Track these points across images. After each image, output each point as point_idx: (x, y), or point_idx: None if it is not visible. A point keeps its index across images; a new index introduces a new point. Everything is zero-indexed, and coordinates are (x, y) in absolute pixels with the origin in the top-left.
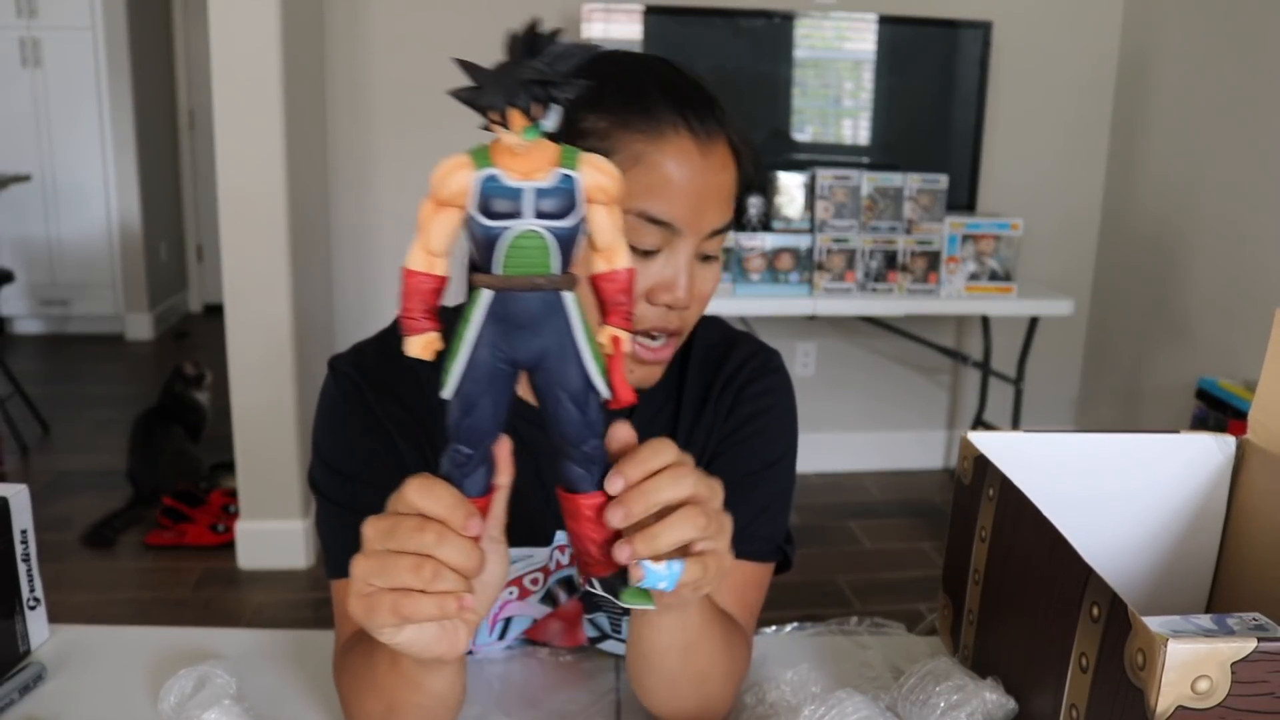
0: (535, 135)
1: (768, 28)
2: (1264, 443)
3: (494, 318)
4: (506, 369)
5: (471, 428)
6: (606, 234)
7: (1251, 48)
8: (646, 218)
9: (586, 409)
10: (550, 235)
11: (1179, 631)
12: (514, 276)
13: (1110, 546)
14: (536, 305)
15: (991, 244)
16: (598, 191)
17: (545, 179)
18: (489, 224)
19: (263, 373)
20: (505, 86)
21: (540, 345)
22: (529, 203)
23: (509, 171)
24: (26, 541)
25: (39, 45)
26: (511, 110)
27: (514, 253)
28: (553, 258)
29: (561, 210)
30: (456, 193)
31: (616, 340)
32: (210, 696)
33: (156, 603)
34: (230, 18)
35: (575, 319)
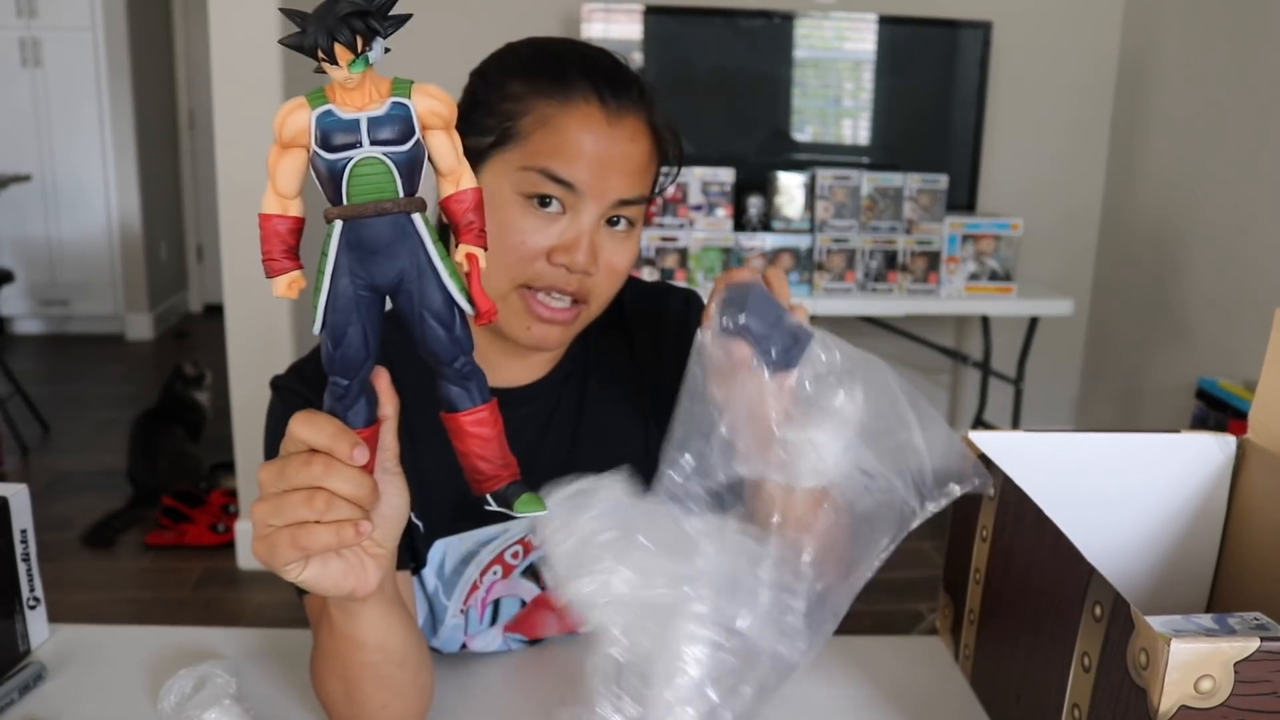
0: (362, 68)
1: (768, 28)
2: (1264, 442)
3: (348, 246)
4: (368, 295)
5: (344, 358)
6: (447, 158)
7: (1251, 48)
8: (549, 175)
9: (452, 326)
10: (389, 160)
11: (1181, 631)
12: (361, 204)
13: (1110, 546)
14: (387, 229)
15: (991, 244)
16: (431, 117)
17: (378, 108)
18: (330, 157)
19: (263, 373)
20: (325, 24)
21: (396, 268)
22: (365, 132)
23: (343, 106)
24: (26, 541)
25: (39, 45)
26: (335, 46)
27: (357, 181)
28: (397, 181)
29: (398, 136)
30: (297, 133)
31: (472, 257)
32: (210, 696)
33: (156, 603)
34: (230, 18)
35: (428, 239)
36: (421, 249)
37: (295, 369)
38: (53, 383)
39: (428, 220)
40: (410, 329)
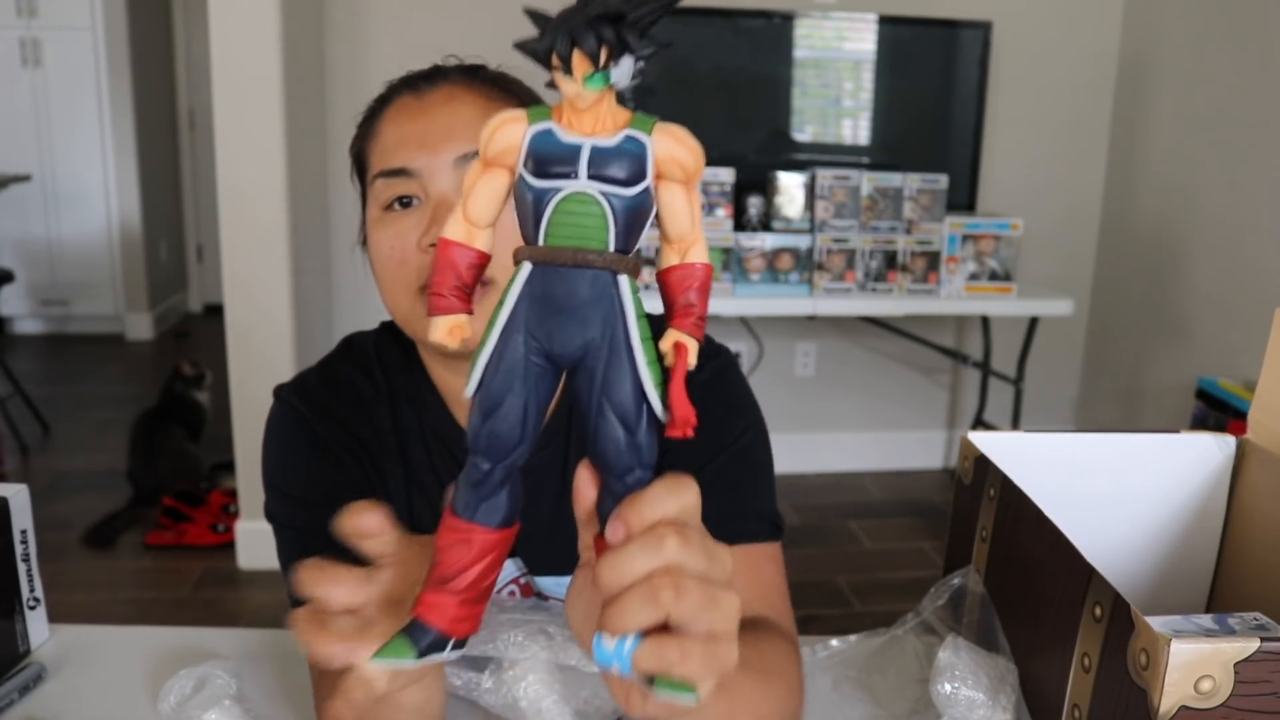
0: (600, 85)
1: (768, 28)
2: (1264, 442)
3: (532, 297)
4: (540, 364)
5: (494, 435)
6: (680, 220)
7: (1251, 47)
8: (385, 174)
9: (635, 428)
10: (606, 202)
11: (1181, 631)
12: (559, 248)
13: (1110, 546)
14: (583, 286)
15: (991, 244)
16: (671, 165)
17: (609, 138)
18: (537, 184)
19: (263, 373)
20: (569, 26)
21: (584, 338)
22: (585, 161)
23: (568, 127)
24: (26, 541)
25: (39, 45)
26: (575, 53)
27: (561, 219)
28: (610, 230)
29: (624, 176)
30: (505, 149)
31: (681, 348)
32: (210, 697)
33: (156, 603)
34: (230, 18)
35: (630, 310)
36: (620, 321)
37: (299, 381)
38: (53, 383)
39: (636, 288)
40: (582, 418)
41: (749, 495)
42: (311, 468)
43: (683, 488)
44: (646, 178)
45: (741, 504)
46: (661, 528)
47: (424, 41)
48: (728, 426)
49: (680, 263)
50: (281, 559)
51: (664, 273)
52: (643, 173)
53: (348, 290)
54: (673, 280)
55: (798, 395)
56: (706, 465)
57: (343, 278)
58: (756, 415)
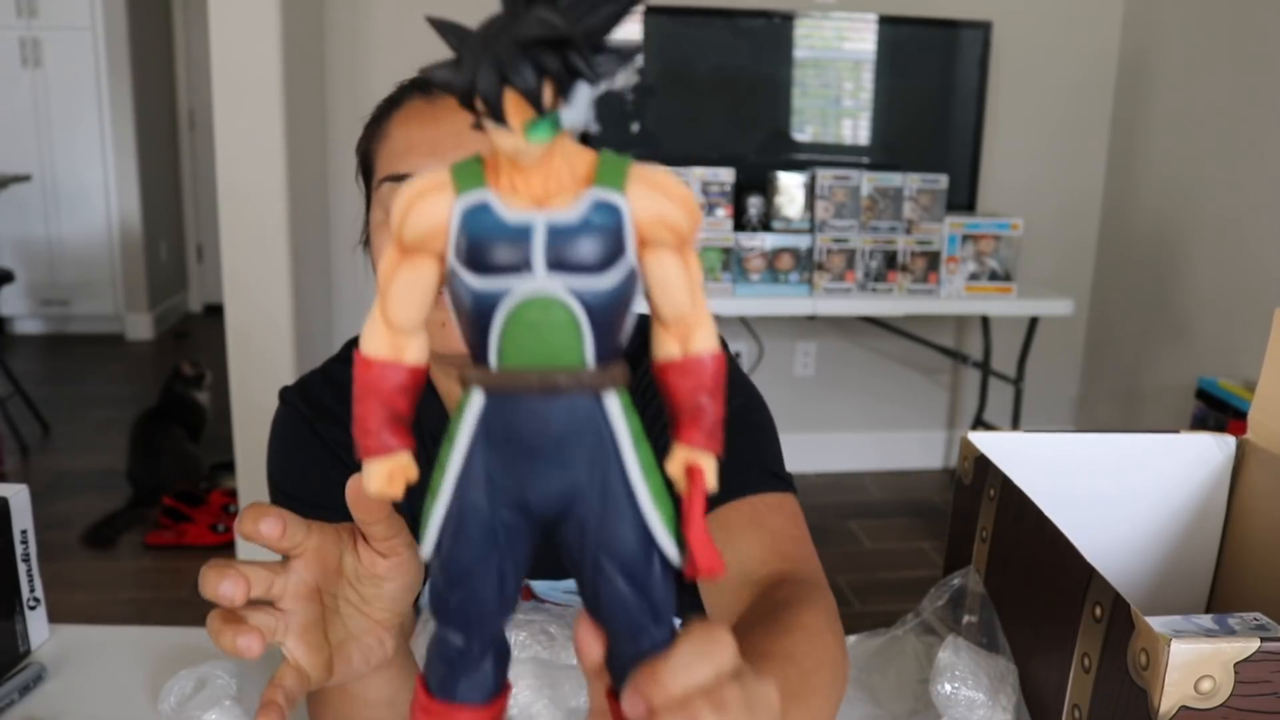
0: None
1: (768, 28)
2: (1264, 442)
3: (490, 438)
4: (513, 519)
5: (463, 607)
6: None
7: (1251, 47)
8: (392, 179)
9: (646, 583)
10: (577, 302)
11: (1181, 631)
12: (519, 371)
13: (1110, 546)
14: (557, 418)
15: (991, 244)
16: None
17: (568, 207)
18: (477, 284)
19: (263, 373)
20: (494, 53)
21: (565, 483)
22: (540, 248)
23: (510, 195)
24: (27, 541)
25: (39, 45)
26: (506, 92)
27: (517, 331)
28: (583, 338)
29: (596, 260)
30: (428, 232)
31: (696, 473)
32: (210, 697)
33: (157, 603)
34: (230, 18)
35: (625, 439)
36: (612, 455)
37: (302, 383)
38: (53, 383)
39: (629, 402)
40: (575, 573)
41: (746, 452)
42: (312, 468)
43: (715, 647)
44: (626, 253)
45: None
46: (695, 704)
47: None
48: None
49: (683, 356)
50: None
51: (661, 368)
52: (620, 249)
53: (348, 290)
54: (675, 381)
55: (798, 395)
56: None
57: (343, 278)
58: (751, 392)
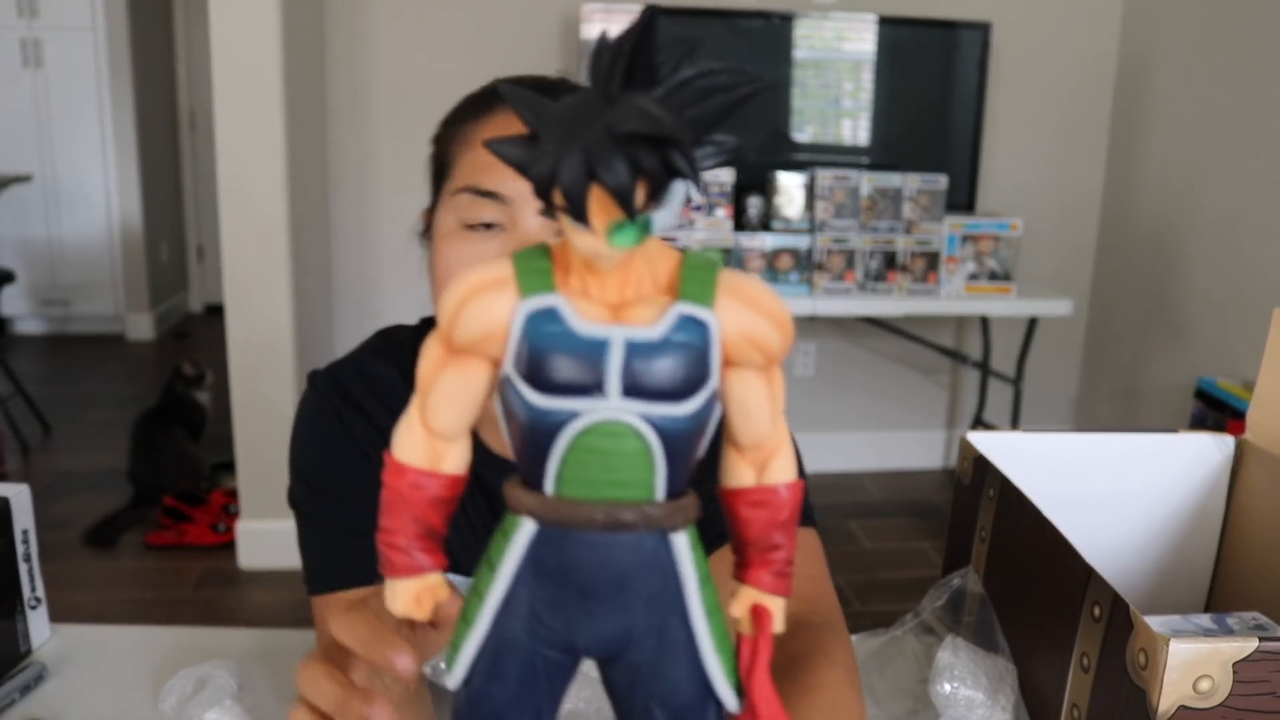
0: (634, 238)
1: (767, 28)
2: (1262, 442)
3: (540, 570)
4: (556, 658)
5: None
6: (759, 421)
7: (1251, 48)
8: (474, 191)
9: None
10: (652, 430)
11: (1179, 631)
12: (580, 503)
13: (1109, 546)
14: (619, 558)
15: (991, 244)
16: (748, 349)
17: (651, 321)
18: (538, 401)
19: (263, 373)
20: (584, 142)
21: (620, 626)
22: (615, 368)
23: (583, 301)
24: (28, 541)
25: (40, 46)
26: (593, 188)
27: (581, 458)
28: (656, 470)
29: (678, 384)
30: (483, 335)
31: (763, 615)
32: (211, 696)
33: (157, 602)
34: (231, 18)
35: (690, 581)
36: (676, 598)
37: (333, 370)
38: (54, 383)
39: (697, 543)
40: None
41: None
42: (336, 459)
43: None
44: (710, 379)
45: None
46: None
47: (424, 41)
48: None
49: (758, 485)
50: (301, 545)
51: (732, 495)
52: (705, 373)
53: (348, 290)
54: (747, 513)
55: (797, 395)
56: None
57: (343, 278)
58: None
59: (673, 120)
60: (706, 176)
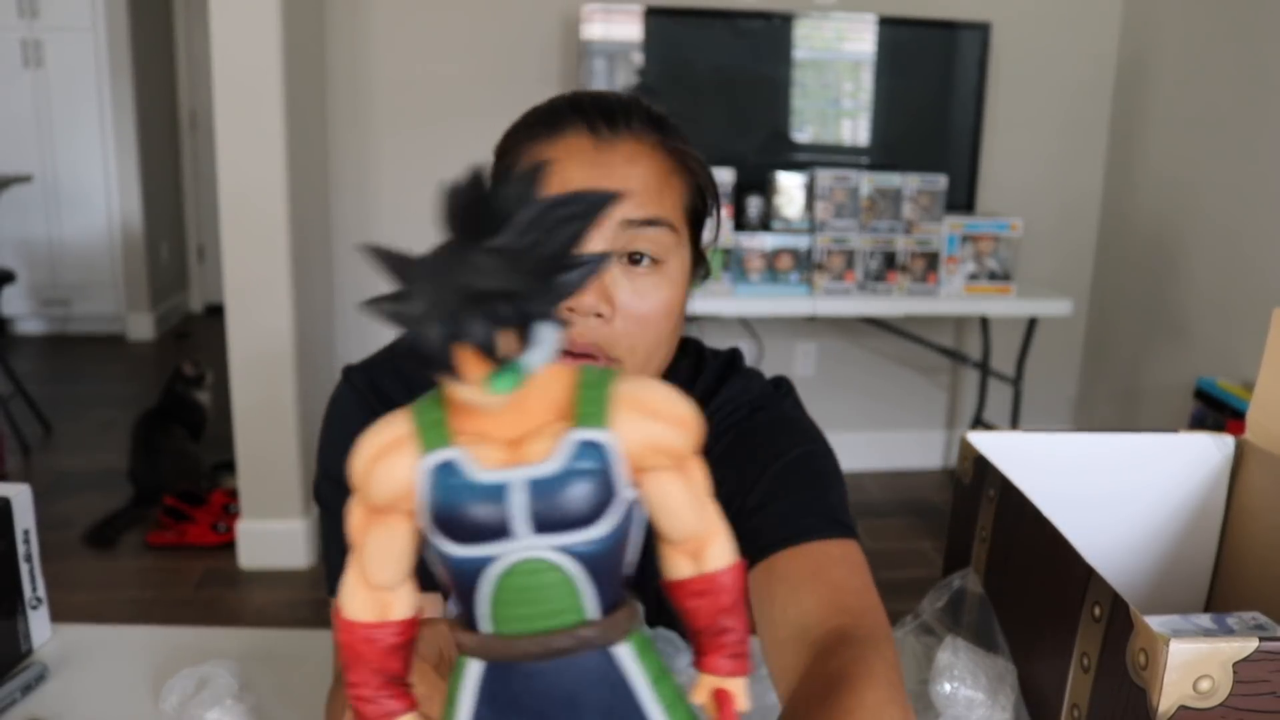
0: (511, 383)
1: (767, 28)
2: (1262, 442)
3: (494, 703)
4: None
5: None
6: (683, 518)
7: (1250, 48)
8: None
9: None
10: (570, 559)
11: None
12: (515, 638)
13: (1109, 546)
14: (564, 681)
15: (990, 244)
16: (653, 456)
17: (547, 456)
18: (455, 552)
19: (263, 373)
20: (440, 306)
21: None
22: (520, 509)
23: (480, 451)
24: (29, 541)
25: (40, 46)
26: (458, 349)
27: (507, 597)
28: (582, 594)
29: (584, 511)
30: (393, 496)
31: (725, 699)
32: (212, 696)
33: (158, 602)
34: (231, 18)
35: (640, 687)
36: (630, 706)
37: (368, 366)
38: (54, 383)
39: (645, 645)
40: None
41: (809, 496)
42: None
43: None
44: (617, 495)
45: (802, 504)
46: None
47: (424, 42)
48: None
49: (697, 575)
50: (323, 543)
51: (674, 588)
52: (610, 493)
53: (349, 290)
54: (691, 603)
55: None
56: (761, 477)
57: (344, 278)
58: (817, 438)
59: (520, 271)
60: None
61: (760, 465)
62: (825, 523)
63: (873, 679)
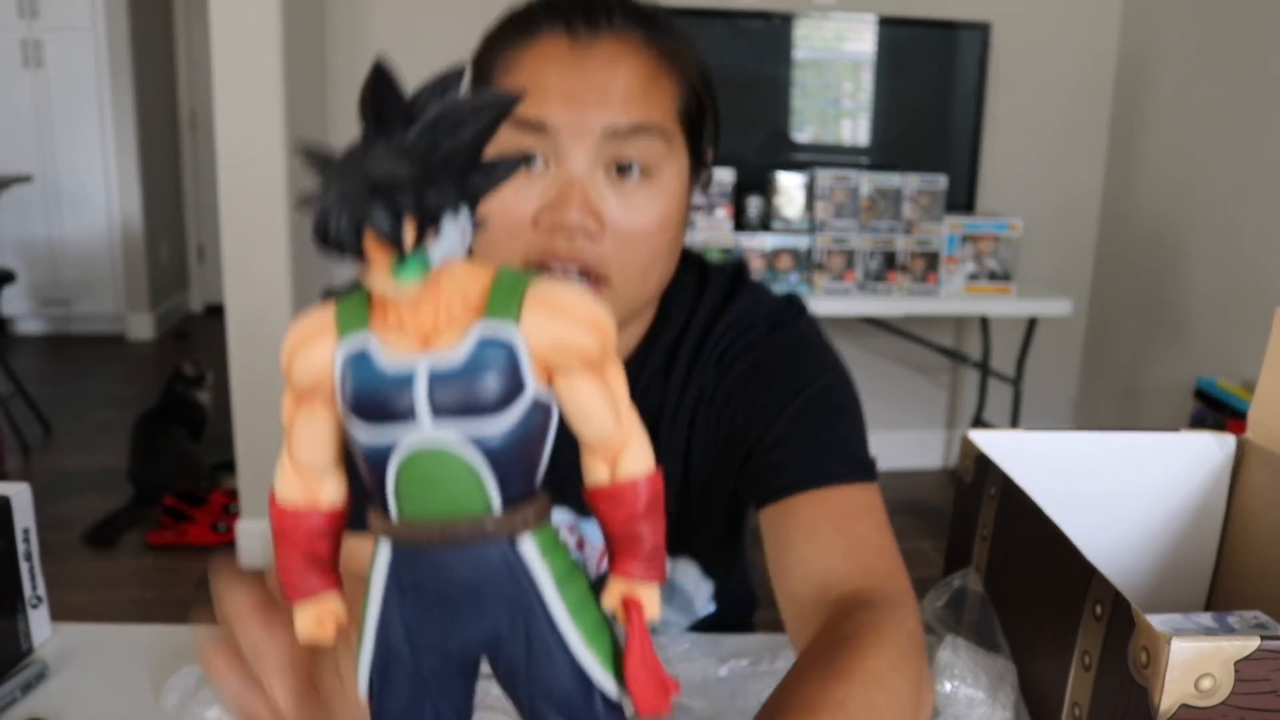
0: (417, 273)
1: (767, 28)
2: (1263, 441)
3: (401, 587)
4: (439, 665)
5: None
6: (597, 421)
7: (1250, 48)
8: (516, 122)
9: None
10: (473, 447)
11: (1181, 630)
12: (418, 523)
13: (1110, 545)
14: (465, 570)
15: (990, 244)
16: (563, 355)
17: (453, 345)
18: (365, 436)
19: (263, 373)
20: (346, 195)
21: (485, 631)
22: (422, 397)
23: (391, 339)
24: (29, 540)
25: (40, 46)
26: (366, 233)
27: (411, 484)
28: (485, 484)
29: (488, 401)
30: (314, 381)
31: (632, 605)
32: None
33: (159, 602)
34: (231, 18)
35: (545, 582)
36: (533, 600)
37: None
38: (54, 383)
39: (551, 540)
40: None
41: (832, 436)
42: None
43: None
44: (525, 389)
45: (824, 444)
46: None
47: (425, 42)
48: (804, 374)
49: (611, 482)
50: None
51: (591, 494)
52: (517, 385)
53: None
54: (607, 509)
55: None
56: (782, 412)
57: (344, 277)
58: (836, 367)
59: (413, 165)
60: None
61: (779, 398)
62: (848, 466)
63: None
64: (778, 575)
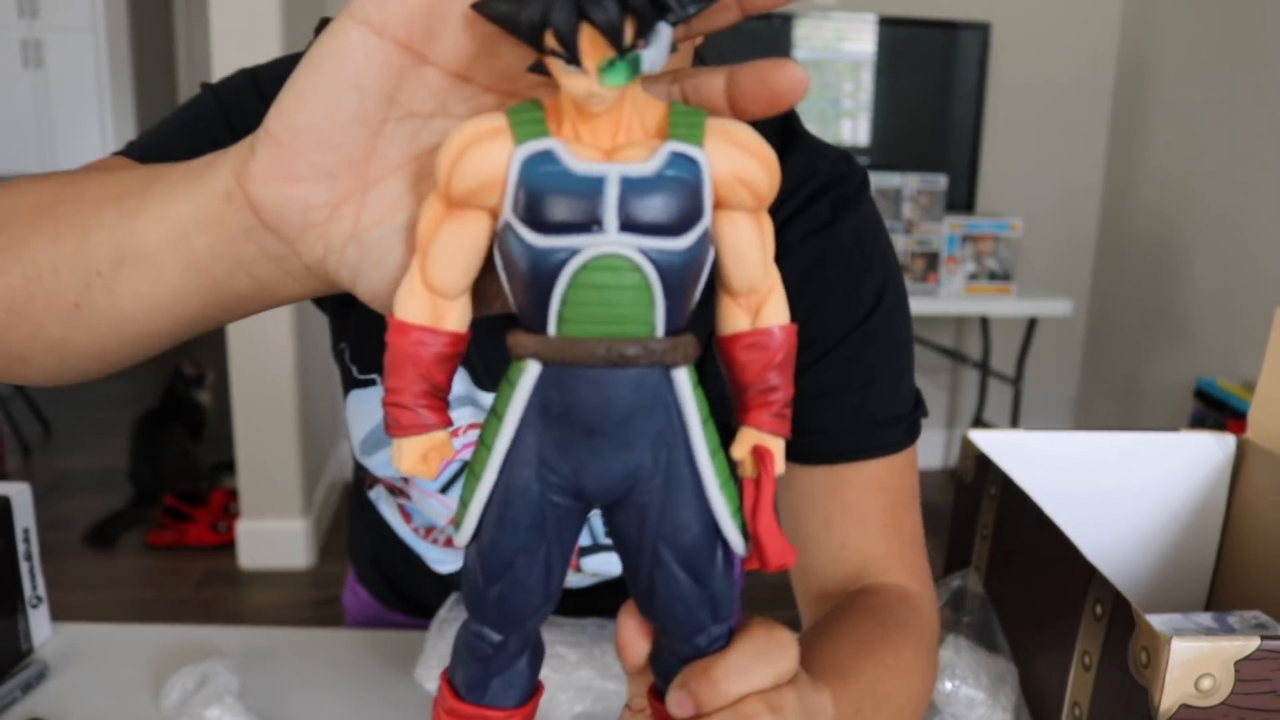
0: (625, 76)
1: (767, 28)
2: (1264, 442)
3: (545, 413)
4: (565, 504)
5: (505, 603)
6: (751, 265)
7: (1249, 47)
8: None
9: (708, 577)
10: (650, 265)
11: (1181, 630)
12: (582, 339)
13: (1110, 545)
14: (623, 393)
15: (990, 244)
16: (738, 188)
17: (644, 159)
18: (540, 243)
19: (263, 372)
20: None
21: (627, 465)
22: (611, 203)
23: (577, 145)
24: (29, 540)
25: (41, 46)
26: (583, 27)
27: (583, 294)
28: (656, 305)
29: (674, 217)
30: (481, 184)
31: (765, 456)
32: (213, 694)
33: (158, 602)
34: (231, 18)
35: (693, 419)
36: (679, 435)
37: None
38: None
39: (697, 381)
40: (630, 563)
41: (887, 389)
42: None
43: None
44: (704, 214)
45: (878, 404)
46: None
47: None
48: (868, 285)
49: (752, 328)
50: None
51: (728, 341)
52: (699, 208)
53: None
54: (744, 356)
55: None
56: (834, 349)
57: None
58: (895, 264)
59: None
60: None
61: (839, 319)
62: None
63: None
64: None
